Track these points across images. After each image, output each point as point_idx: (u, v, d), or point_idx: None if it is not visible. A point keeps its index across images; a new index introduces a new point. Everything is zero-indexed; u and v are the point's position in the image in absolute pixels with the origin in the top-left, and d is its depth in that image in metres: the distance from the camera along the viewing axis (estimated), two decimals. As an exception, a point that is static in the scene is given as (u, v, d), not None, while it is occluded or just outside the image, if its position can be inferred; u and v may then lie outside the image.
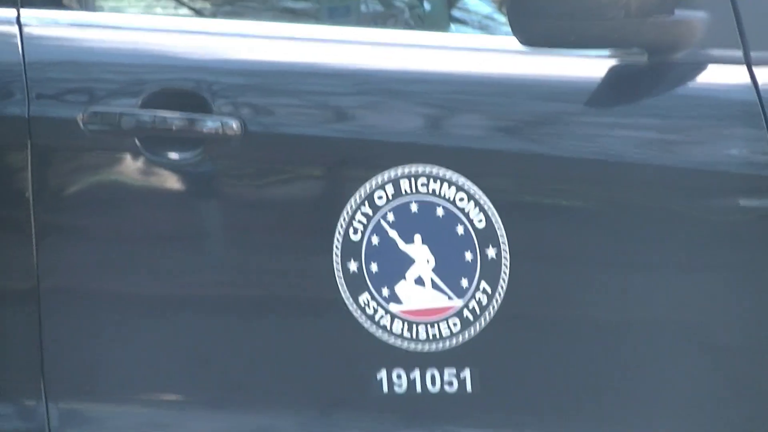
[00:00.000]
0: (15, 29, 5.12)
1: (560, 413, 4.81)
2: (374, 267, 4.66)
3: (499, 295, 4.58)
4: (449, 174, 4.63)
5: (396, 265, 4.65)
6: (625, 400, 4.82)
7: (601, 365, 4.74)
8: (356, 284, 4.69)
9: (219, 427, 5.11)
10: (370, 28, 5.48)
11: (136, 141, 4.83)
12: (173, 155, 4.86)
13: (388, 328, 4.67)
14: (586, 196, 4.74)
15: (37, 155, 4.93)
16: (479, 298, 4.61)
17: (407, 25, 5.76)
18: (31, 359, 5.07)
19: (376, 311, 4.66)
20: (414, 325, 4.66)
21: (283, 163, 4.91)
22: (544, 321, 4.71)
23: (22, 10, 5.09)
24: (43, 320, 5.01)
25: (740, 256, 4.55)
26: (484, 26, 5.73)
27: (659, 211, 4.63)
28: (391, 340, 4.66)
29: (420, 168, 4.62)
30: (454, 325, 4.62)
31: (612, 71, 4.60)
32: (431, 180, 4.63)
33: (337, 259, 4.72)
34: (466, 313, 4.61)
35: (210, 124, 4.76)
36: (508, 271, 4.60)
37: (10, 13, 5.08)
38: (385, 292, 4.66)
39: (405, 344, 4.66)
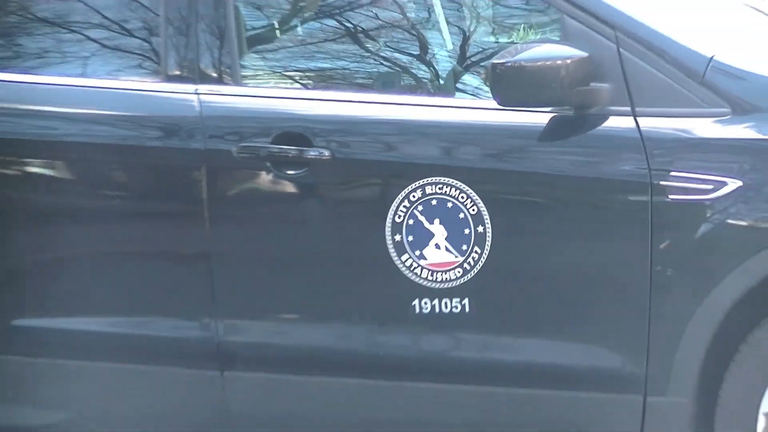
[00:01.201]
0: (195, 96, 6.60)
1: (522, 323, 6.35)
2: (410, 238, 6.14)
3: (485, 254, 6.12)
4: (455, 182, 6.11)
5: (423, 237, 6.16)
6: (556, 314, 6.32)
7: (542, 295, 6.35)
8: (400, 248, 6.19)
9: (314, 334, 6.65)
10: (407, 95, 6.72)
11: (268, 163, 6.38)
12: (290, 172, 6.38)
13: (419, 274, 6.16)
14: (536, 194, 6.32)
15: (208, 172, 6.46)
16: (473, 257, 6.09)
17: (429, 92, 6.83)
18: (206, 297, 6.55)
19: (411, 264, 6.17)
20: (435, 273, 6.15)
21: (356, 177, 6.49)
22: (512, 270, 6.29)
23: (199, 86, 6.51)
24: (214, 272, 6.51)
25: (619, 226, 6.16)
26: (475, 93, 6.69)
27: (577, 203, 6.25)
28: (421, 282, 6.19)
29: (438, 179, 6.15)
30: (458, 272, 6.13)
31: (553, 120, 6.11)
32: (444, 186, 6.09)
33: (388, 233, 6.18)
34: (465, 265, 6.14)
35: (312, 153, 6.21)
36: (490, 241, 6.08)
37: (191, 87, 6.58)
38: (417, 252, 6.16)
39: (429, 284, 6.19)
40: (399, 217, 6.20)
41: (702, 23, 6.80)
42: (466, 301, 6.20)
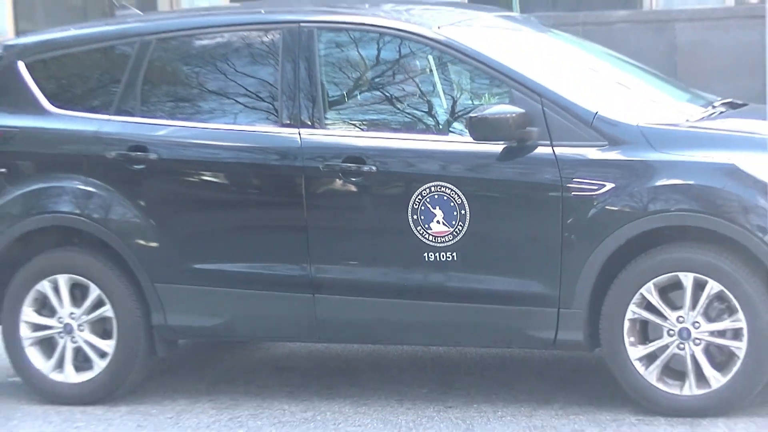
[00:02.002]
0: (298, 136, 6.80)
1: (487, 266, 6.59)
2: (422, 217, 6.48)
3: (466, 227, 6.47)
4: (448, 185, 6.47)
5: (429, 216, 6.48)
6: (508, 261, 6.59)
7: (499, 250, 6.60)
8: (416, 223, 6.51)
9: (367, 273, 6.84)
10: (420, 134, 6.84)
11: (340, 174, 6.66)
12: (352, 179, 6.70)
13: (427, 238, 6.50)
14: (496, 191, 6.60)
15: (305, 179, 6.74)
16: (458, 228, 6.46)
17: (433, 132, 6.88)
18: (304, 251, 6.82)
19: (423, 233, 6.50)
20: (436, 237, 6.49)
21: (391, 182, 6.72)
22: (481, 236, 6.53)
23: (300, 129, 6.78)
24: (309, 237, 6.76)
25: (543, 210, 6.43)
26: (460, 133, 6.70)
27: (520, 196, 6.58)
28: (428, 242, 6.51)
29: (438, 183, 6.51)
30: (450, 237, 6.48)
31: (505, 149, 6.41)
32: (442, 187, 6.47)
33: (409, 214, 6.53)
34: (454, 233, 6.48)
35: (365, 168, 6.58)
36: (468, 219, 6.44)
37: (296, 130, 6.82)
38: (426, 226, 6.49)
39: (433, 244, 6.52)
40: (415, 204, 6.53)
41: (593, 87, 7.02)
42: (454, 254, 6.55)
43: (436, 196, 6.52)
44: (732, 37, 19.33)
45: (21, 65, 7.39)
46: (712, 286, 6.14)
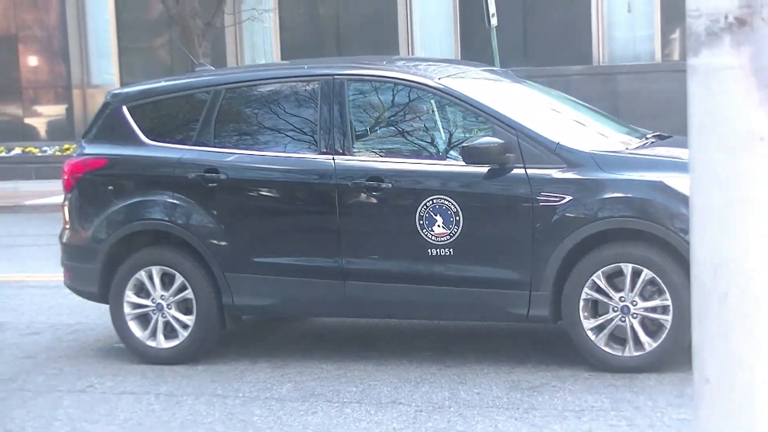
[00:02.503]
0: (332, 160, 6.76)
1: (476, 258, 6.54)
2: (427, 222, 6.45)
3: (460, 229, 6.42)
4: (446, 197, 6.44)
5: (432, 221, 6.45)
6: (492, 255, 6.53)
7: (486, 246, 6.53)
8: (421, 226, 6.47)
9: (384, 265, 6.76)
10: (425, 159, 6.78)
11: (364, 189, 6.63)
12: (374, 193, 6.63)
13: (430, 238, 6.47)
14: (483, 202, 6.57)
15: (338, 193, 6.70)
16: (454, 230, 6.42)
17: (435, 158, 6.79)
18: (337, 248, 6.73)
19: (427, 234, 6.47)
20: (437, 237, 6.46)
21: (403, 194, 6.66)
22: (472, 236, 6.44)
23: (335, 156, 6.74)
24: (341, 237, 6.72)
25: (519, 216, 6.41)
26: (455, 158, 6.62)
27: (501, 206, 6.53)
28: (431, 241, 6.48)
29: (439, 195, 6.46)
30: (447, 237, 6.45)
31: (489, 170, 6.41)
32: (442, 199, 6.44)
33: (417, 219, 6.48)
34: (450, 234, 6.44)
35: (383, 185, 6.56)
36: (462, 222, 6.40)
37: (331, 156, 6.78)
38: (429, 228, 6.46)
39: (435, 242, 6.47)
40: (421, 212, 6.51)
41: (555, 123, 6.97)
42: (451, 250, 6.51)
43: (437, 206, 6.53)
44: (659, 86, 19.42)
45: (124, 108, 7.46)
46: (646, 274, 6.21)
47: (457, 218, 6.50)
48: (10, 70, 24.65)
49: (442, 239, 6.55)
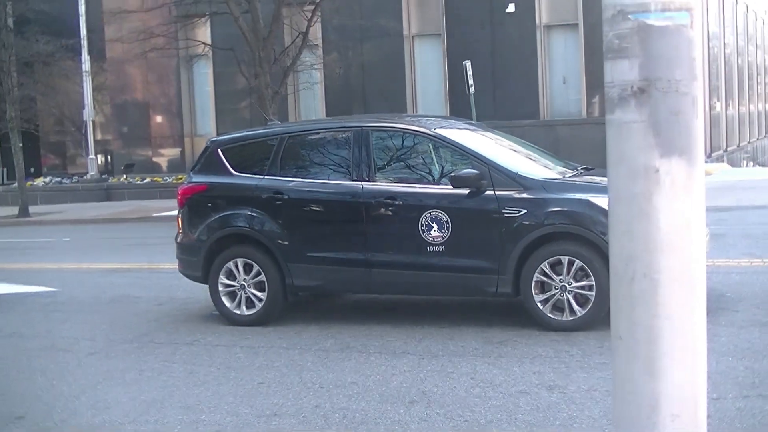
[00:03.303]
0: (361, 186, 6.60)
1: (461, 253, 6.33)
2: (426, 228, 6.35)
3: (450, 233, 6.32)
4: (440, 211, 6.34)
5: (430, 227, 6.36)
6: (471, 250, 6.29)
7: (468, 244, 6.32)
8: (423, 231, 6.36)
9: (396, 258, 6.51)
10: (423, 184, 6.60)
11: (383, 205, 6.47)
12: (390, 208, 6.50)
13: (428, 239, 6.35)
14: (465, 215, 6.36)
15: (365, 208, 6.61)
16: (445, 233, 6.32)
17: (430, 183, 6.58)
18: (364, 245, 6.59)
19: (426, 236, 6.36)
20: (434, 238, 6.34)
21: (410, 209, 6.46)
22: (458, 237, 6.31)
23: (362, 182, 6.65)
24: (368, 238, 6.60)
25: (490, 223, 6.27)
26: (446, 184, 6.46)
27: (477, 217, 6.31)
28: (430, 241, 6.35)
29: (435, 210, 6.35)
30: (441, 238, 6.34)
31: (470, 192, 6.27)
32: (437, 212, 6.34)
33: (419, 226, 6.38)
34: (443, 236, 6.33)
35: (396, 202, 6.42)
36: (451, 228, 6.31)
37: (359, 183, 6.66)
38: (428, 232, 6.35)
39: (432, 241, 6.34)
40: (422, 221, 6.41)
41: (515, 160, 6.76)
42: (443, 247, 6.38)
43: (433, 217, 6.43)
44: (586, 134, 19.44)
45: (219, 150, 7.45)
46: (578, 263, 6.13)
47: (448, 225, 6.40)
48: (144, 125, 25.20)
49: (437, 240, 6.44)
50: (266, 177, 7.12)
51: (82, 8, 23.10)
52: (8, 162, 23.86)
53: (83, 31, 23.10)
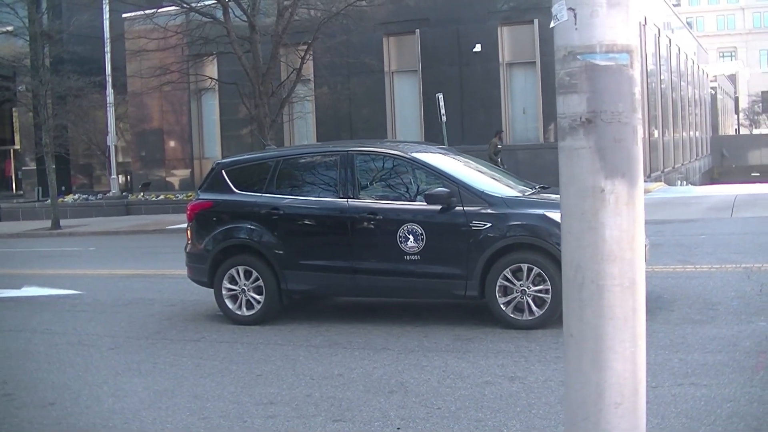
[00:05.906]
0: (347, 203, 6.46)
1: (434, 261, 6.19)
2: (404, 239, 6.24)
3: (424, 243, 6.21)
4: (415, 224, 6.22)
5: (407, 239, 6.24)
6: (443, 258, 6.13)
7: (440, 253, 6.14)
8: (401, 242, 6.24)
9: (377, 266, 6.35)
10: (401, 201, 6.43)
11: (366, 220, 6.31)
12: (372, 222, 6.32)
13: (406, 249, 6.22)
14: (437, 227, 6.21)
15: (350, 223, 6.46)
16: (419, 244, 6.21)
17: (407, 200, 6.44)
18: (349, 255, 6.43)
19: (403, 247, 6.23)
20: (410, 248, 6.23)
21: (389, 222, 6.29)
22: (432, 247, 6.19)
23: (348, 199, 6.49)
24: (352, 248, 6.45)
25: (460, 235, 6.15)
26: (421, 201, 6.30)
27: (448, 230, 6.17)
28: (407, 251, 6.22)
29: (411, 224, 6.22)
30: (417, 248, 6.21)
31: (442, 208, 6.16)
32: (412, 224, 6.22)
33: (398, 238, 6.26)
34: (418, 246, 6.22)
35: (377, 216, 6.27)
36: (425, 239, 6.20)
37: (345, 199, 6.55)
38: (406, 243, 6.24)
39: (409, 251, 6.21)
40: (400, 233, 6.31)
41: (481, 180, 6.61)
42: (418, 257, 6.27)
43: (410, 230, 6.34)
44: (542, 158, 19.56)
45: (223, 171, 7.34)
46: (536, 270, 6.07)
47: (422, 237, 6.31)
48: (159, 149, 25.34)
49: (413, 250, 6.35)
50: (264, 195, 7.01)
51: (107, 48, 23.87)
52: (43, 181, 24.39)
53: (108, 69, 23.97)
